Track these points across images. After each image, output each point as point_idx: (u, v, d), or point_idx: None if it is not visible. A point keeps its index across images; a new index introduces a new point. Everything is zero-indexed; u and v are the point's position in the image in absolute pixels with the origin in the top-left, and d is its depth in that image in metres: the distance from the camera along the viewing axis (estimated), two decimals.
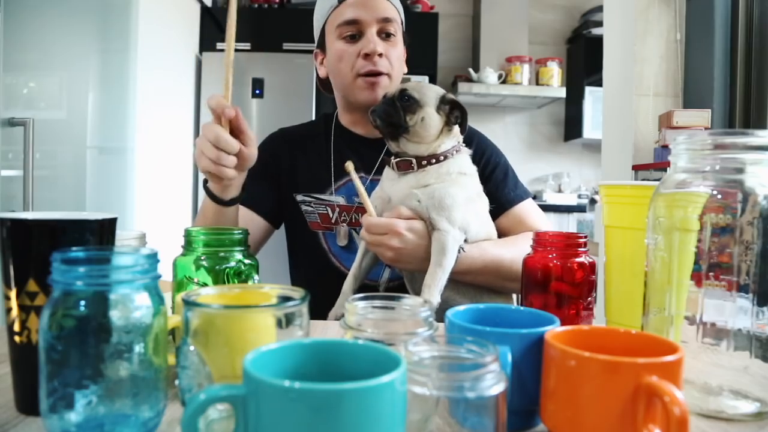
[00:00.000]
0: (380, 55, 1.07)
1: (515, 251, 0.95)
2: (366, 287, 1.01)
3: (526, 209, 1.12)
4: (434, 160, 0.93)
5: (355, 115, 1.17)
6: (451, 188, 0.91)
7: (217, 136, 0.80)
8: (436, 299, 0.86)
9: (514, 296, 1.06)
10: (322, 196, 1.13)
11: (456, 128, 0.97)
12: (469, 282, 0.97)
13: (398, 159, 0.95)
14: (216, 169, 0.82)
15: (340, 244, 1.12)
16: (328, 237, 1.14)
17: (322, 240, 1.14)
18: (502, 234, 1.06)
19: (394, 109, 0.93)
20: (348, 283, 0.97)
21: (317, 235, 1.14)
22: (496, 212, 1.09)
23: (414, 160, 0.93)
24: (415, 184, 0.92)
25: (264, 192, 1.16)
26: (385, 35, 1.09)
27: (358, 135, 1.18)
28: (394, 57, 1.10)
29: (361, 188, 0.92)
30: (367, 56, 1.07)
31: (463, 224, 0.91)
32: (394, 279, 1.08)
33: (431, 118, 0.93)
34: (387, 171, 0.98)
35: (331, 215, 1.13)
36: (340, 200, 1.12)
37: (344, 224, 1.12)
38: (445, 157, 0.94)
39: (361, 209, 1.10)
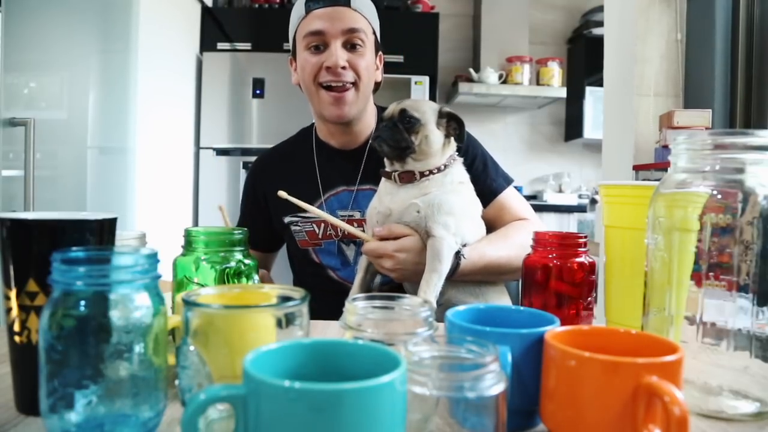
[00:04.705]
0: (344, 67, 1.07)
1: (511, 247, 0.98)
2: None
3: (508, 198, 1.14)
4: (436, 170, 0.94)
5: (328, 126, 1.18)
6: (450, 196, 0.93)
7: None
8: (433, 303, 0.87)
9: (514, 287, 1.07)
10: (307, 214, 1.14)
11: (452, 139, 0.98)
12: (469, 281, 0.98)
13: (400, 171, 0.95)
14: None
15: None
16: (319, 252, 1.16)
17: (313, 255, 1.16)
18: (487, 223, 1.07)
19: (399, 133, 0.93)
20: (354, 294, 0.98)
21: (308, 252, 1.16)
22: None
23: (417, 172, 0.94)
24: (417, 193, 0.93)
25: (256, 226, 1.17)
26: (350, 46, 1.09)
27: (335, 148, 1.19)
28: (361, 67, 1.09)
29: (333, 220, 0.95)
30: (330, 69, 1.07)
31: (458, 231, 0.92)
32: (386, 282, 1.09)
33: (434, 134, 0.94)
34: (384, 184, 0.98)
35: (317, 231, 1.14)
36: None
37: (336, 239, 1.14)
38: (446, 167, 0.95)
39: (349, 223, 1.12)
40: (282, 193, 0.94)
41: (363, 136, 1.18)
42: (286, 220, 1.16)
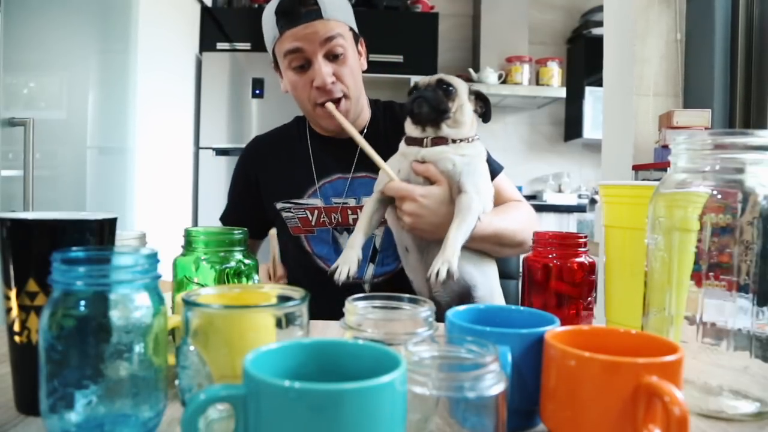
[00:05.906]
0: (333, 82, 1.06)
1: (511, 220, 1.02)
2: (351, 285, 1.00)
3: (503, 182, 1.15)
4: (467, 141, 0.96)
5: None
6: (481, 165, 0.96)
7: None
8: (455, 261, 0.83)
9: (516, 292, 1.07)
10: (300, 201, 1.14)
11: (475, 119, 1.00)
12: (472, 248, 0.97)
13: (433, 137, 0.94)
14: None
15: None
16: (311, 240, 1.15)
17: (305, 243, 1.16)
18: None
19: (439, 96, 0.94)
20: (357, 238, 0.93)
21: (300, 239, 1.16)
22: None
23: (449, 139, 0.95)
24: (451, 151, 0.93)
25: (246, 210, 1.20)
26: (333, 56, 1.07)
27: (329, 137, 1.18)
28: (347, 74, 1.08)
29: (368, 148, 0.95)
30: (319, 87, 1.07)
31: (485, 199, 0.95)
32: (378, 275, 1.10)
33: (467, 105, 0.96)
34: (403, 146, 0.98)
35: (310, 218, 1.14)
36: (318, 203, 1.14)
37: (330, 227, 1.13)
38: (472, 140, 0.97)
39: (344, 210, 1.13)
40: (329, 106, 1.03)
41: (359, 125, 1.17)
42: (278, 206, 1.16)
